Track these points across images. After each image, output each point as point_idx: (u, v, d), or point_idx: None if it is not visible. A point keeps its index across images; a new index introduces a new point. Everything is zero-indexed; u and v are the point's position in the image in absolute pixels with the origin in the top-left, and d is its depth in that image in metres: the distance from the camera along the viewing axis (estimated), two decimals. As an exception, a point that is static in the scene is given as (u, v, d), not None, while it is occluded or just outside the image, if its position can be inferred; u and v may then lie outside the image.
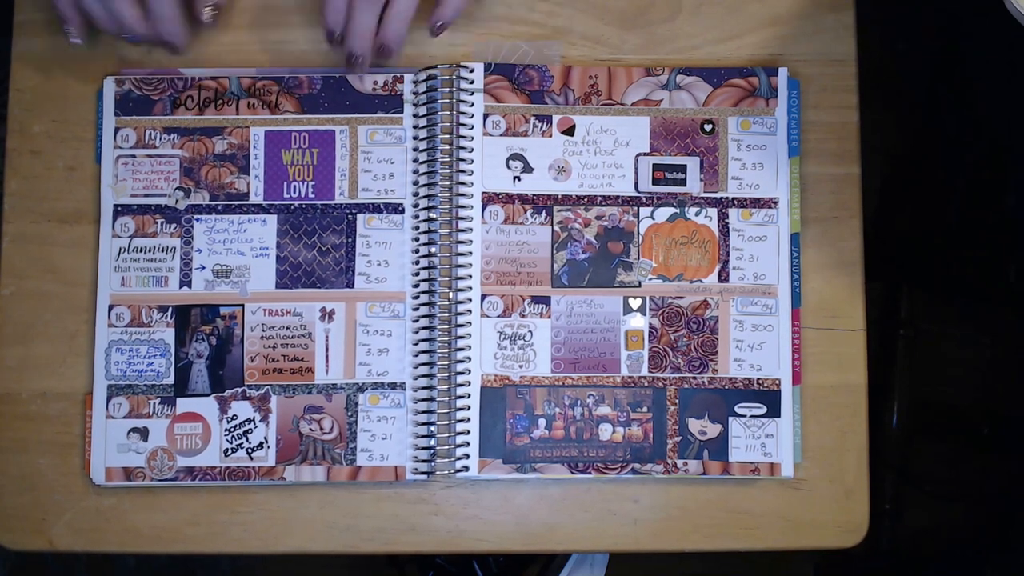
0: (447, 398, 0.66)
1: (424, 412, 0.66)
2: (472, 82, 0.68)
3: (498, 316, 0.67)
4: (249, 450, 0.66)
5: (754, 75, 0.68)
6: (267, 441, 0.66)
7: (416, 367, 0.66)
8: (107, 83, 0.68)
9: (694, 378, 0.67)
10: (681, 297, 0.67)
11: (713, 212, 0.68)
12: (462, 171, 0.67)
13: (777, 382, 0.67)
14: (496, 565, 1.10)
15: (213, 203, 0.67)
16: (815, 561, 1.23)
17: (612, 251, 0.67)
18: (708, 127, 0.68)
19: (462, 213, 0.67)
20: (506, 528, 0.66)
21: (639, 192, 0.68)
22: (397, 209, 0.67)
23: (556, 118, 0.68)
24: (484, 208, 0.67)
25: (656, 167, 0.68)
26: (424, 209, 0.67)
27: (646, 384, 0.66)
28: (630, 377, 0.66)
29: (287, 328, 0.66)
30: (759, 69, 0.69)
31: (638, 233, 0.68)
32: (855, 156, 0.69)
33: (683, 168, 0.68)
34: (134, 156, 0.68)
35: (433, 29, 0.67)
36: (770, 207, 0.68)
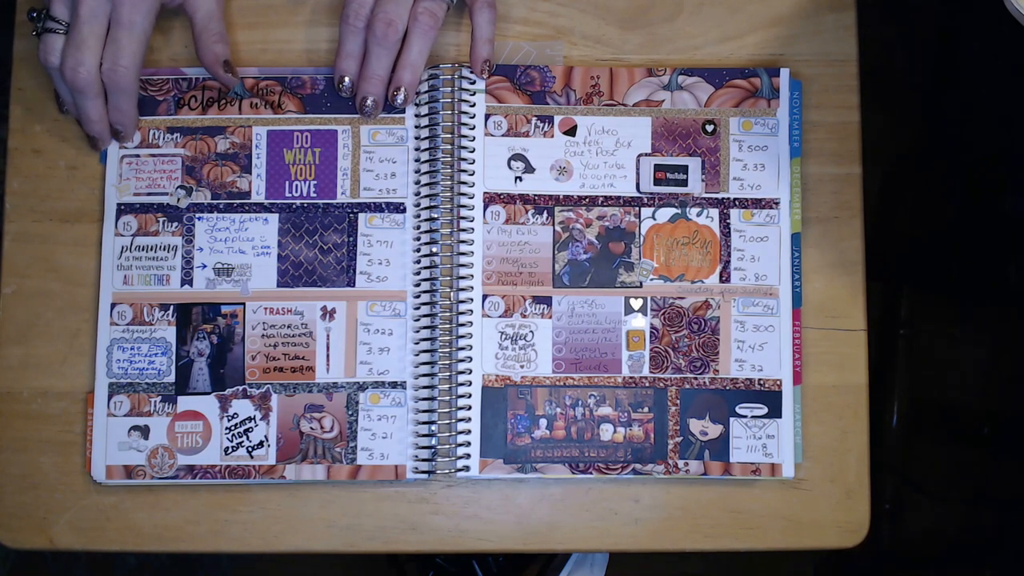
0: (448, 398, 0.66)
1: (425, 411, 0.66)
2: (474, 82, 0.68)
3: (499, 316, 0.67)
4: (249, 449, 0.66)
5: (756, 76, 0.68)
6: (267, 440, 0.66)
7: (417, 366, 0.66)
8: (109, 82, 0.68)
9: (695, 378, 0.67)
10: (682, 298, 0.67)
11: (714, 212, 0.68)
12: (464, 171, 0.67)
13: (778, 382, 0.67)
14: (496, 565, 1.10)
15: (215, 202, 0.67)
16: (815, 561, 1.24)
17: (613, 251, 0.67)
18: (710, 128, 0.68)
19: (464, 213, 0.67)
20: (507, 528, 0.66)
21: (640, 192, 0.68)
22: (399, 208, 0.67)
23: (558, 118, 0.68)
24: (486, 208, 0.67)
25: (658, 167, 0.68)
26: (426, 209, 0.67)
27: (647, 384, 0.66)
28: (631, 377, 0.66)
29: (288, 327, 0.66)
30: (761, 70, 0.69)
31: (639, 233, 0.68)
32: (856, 156, 0.69)
33: (684, 169, 0.68)
34: (138, 155, 0.68)
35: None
36: (771, 207, 0.68)
